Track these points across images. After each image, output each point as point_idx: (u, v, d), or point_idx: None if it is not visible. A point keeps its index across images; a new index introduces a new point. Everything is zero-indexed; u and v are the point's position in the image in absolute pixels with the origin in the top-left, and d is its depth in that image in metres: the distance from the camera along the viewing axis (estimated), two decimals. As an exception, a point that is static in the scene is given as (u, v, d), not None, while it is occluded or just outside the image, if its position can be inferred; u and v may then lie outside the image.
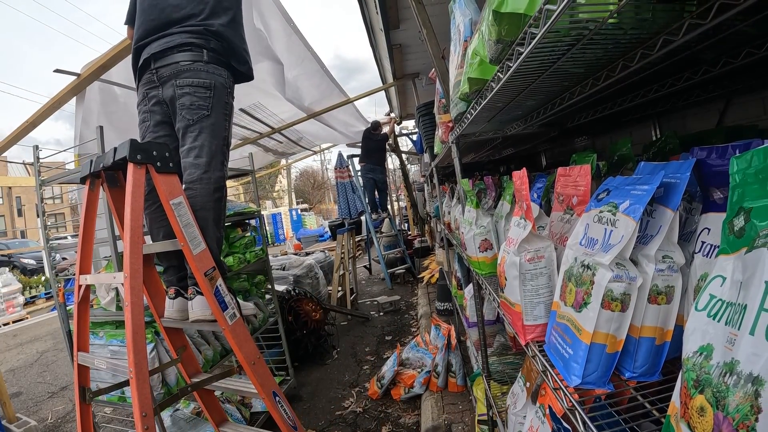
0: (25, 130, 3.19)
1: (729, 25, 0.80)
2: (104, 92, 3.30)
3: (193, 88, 1.93)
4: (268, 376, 1.83)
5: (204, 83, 1.95)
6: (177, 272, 2.01)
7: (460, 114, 1.72)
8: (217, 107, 1.98)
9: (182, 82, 1.93)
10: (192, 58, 1.94)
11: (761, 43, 0.90)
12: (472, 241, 1.80)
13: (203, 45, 1.97)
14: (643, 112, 1.68)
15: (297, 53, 4.14)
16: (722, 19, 0.68)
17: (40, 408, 4.29)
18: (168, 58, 1.95)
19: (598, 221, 0.85)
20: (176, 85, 1.93)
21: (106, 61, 2.80)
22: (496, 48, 1.04)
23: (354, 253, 6.70)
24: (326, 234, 16.53)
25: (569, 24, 0.79)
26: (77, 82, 2.87)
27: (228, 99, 2.06)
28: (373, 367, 4.01)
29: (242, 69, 2.15)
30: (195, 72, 1.94)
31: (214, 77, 1.98)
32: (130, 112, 3.25)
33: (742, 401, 0.41)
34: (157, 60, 1.97)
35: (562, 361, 0.85)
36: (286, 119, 5.90)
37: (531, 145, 3.14)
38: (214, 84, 1.97)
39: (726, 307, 0.49)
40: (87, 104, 3.09)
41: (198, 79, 1.94)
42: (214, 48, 2.00)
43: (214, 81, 1.97)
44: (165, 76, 1.95)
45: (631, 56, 0.94)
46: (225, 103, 2.03)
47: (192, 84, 1.93)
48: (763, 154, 0.48)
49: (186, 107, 1.93)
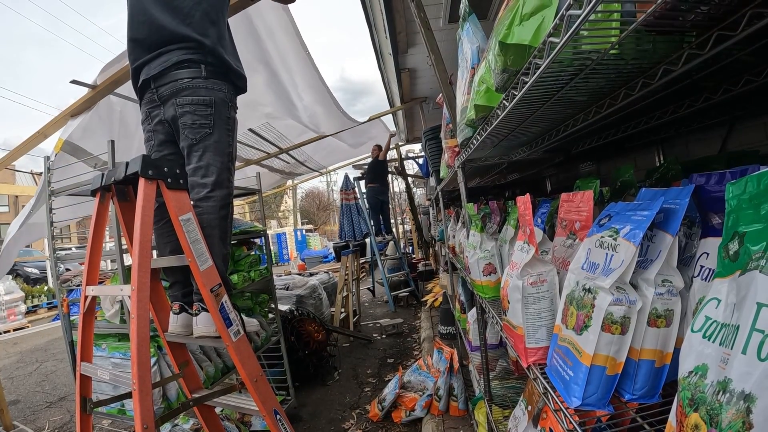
0: (36, 139, 3.21)
1: (728, 54, 0.83)
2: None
3: (194, 107, 1.93)
4: (270, 394, 1.83)
5: (204, 100, 1.94)
6: (182, 288, 2.02)
7: (466, 139, 1.74)
8: (219, 124, 1.98)
9: (182, 101, 1.93)
10: (190, 75, 1.94)
11: (760, 71, 0.93)
12: (476, 265, 1.82)
13: (200, 60, 1.96)
14: (647, 138, 1.71)
15: (310, 79, 4.22)
16: (720, 49, 0.71)
17: (37, 417, 4.26)
18: (167, 76, 1.95)
19: (599, 246, 0.86)
20: (177, 104, 1.93)
21: (122, 75, 2.83)
22: (502, 77, 1.08)
23: (358, 274, 6.69)
24: (330, 255, 16.53)
25: (572, 55, 0.82)
26: (91, 95, 2.90)
27: (229, 113, 2.05)
28: (374, 390, 3.97)
29: (239, 83, 2.14)
30: (194, 89, 1.93)
31: (213, 93, 1.97)
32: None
33: (734, 418, 0.42)
34: (156, 79, 1.97)
35: (563, 383, 0.86)
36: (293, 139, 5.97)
37: (536, 171, 3.17)
38: (214, 100, 1.97)
39: (720, 328, 0.50)
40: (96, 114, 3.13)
41: (198, 97, 1.93)
42: (212, 62, 1.99)
43: (213, 97, 1.97)
44: (165, 95, 1.95)
45: (632, 85, 0.97)
46: (227, 118, 2.02)
47: (192, 102, 1.93)
48: (757, 180, 0.50)
49: (188, 126, 1.93)
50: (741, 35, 0.66)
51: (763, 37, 0.76)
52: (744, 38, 0.67)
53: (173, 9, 1.97)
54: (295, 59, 3.74)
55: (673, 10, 0.68)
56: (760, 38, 0.76)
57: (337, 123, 5.51)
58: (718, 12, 0.69)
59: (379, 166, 7.80)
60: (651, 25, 0.73)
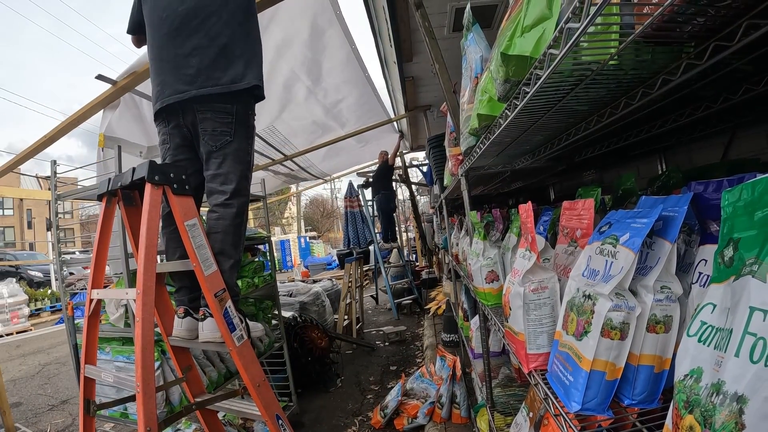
0: (43, 144, 3.22)
1: (726, 63, 0.84)
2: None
3: (215, 113, 1.92)
4: (273, 399, 1.83)
5: (225, 108, 1.93)
6: (189, 293, 2.03)
7: (469, 148, 1.76)
8: (239, 132, 1.96)
9: (203, 107, 1.92)
10: (214, 83, 1.90)
11: (758, 80, 0.94)
12: (479, 272, 1.83)
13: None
14: (649, 146, 1.72)
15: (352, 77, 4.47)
16: (718, 59, 0.72)
17: (39, 420, 4.27)
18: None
19: (599, 253, 0.87)
20: (198, 110, 1.93)
21: (142, 73, 2.82)
22: (504, 87, 1.09)
23: (361, 282, 6.70)
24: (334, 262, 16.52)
25: (572, 66, 0.84)
26: (106, 95, 2.89)
27: (249, 121, 2.04)
28: (376, 397, 3.96)
29: (257, 92, 2.07)
30: (217, 96, 1.92)
31: (235, 100, 1.96)
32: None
33: (727, 419, 0.43)
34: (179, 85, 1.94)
35: (563, 388, 0.87)
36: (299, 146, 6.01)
37: (539, 179, 3.18)
38: (236, 108, 1.95)
39: (715, 333, 0.52)
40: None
41: (220, 104, 1.92)
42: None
43: (236, 105, 1.95)
44: (186, 100, 1.93)
45: (633, 94, 0.99)
46: (247, 127, 2.02)
47: (213, 109, 1.92)
48: (752, 188, 0.52)
49: (208, 133, 1.93)
50: (737, 45, 0.68)
51: (760, 46, 0.77)
52: (741, 48, 0.69)
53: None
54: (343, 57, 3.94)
55: (671, 21, 0.70)
56: (757, 48, 0.77)
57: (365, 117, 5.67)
58: (714, 23, 0.71)
59: (390, 172, 7.74)
60: (649, 37, 0.75)
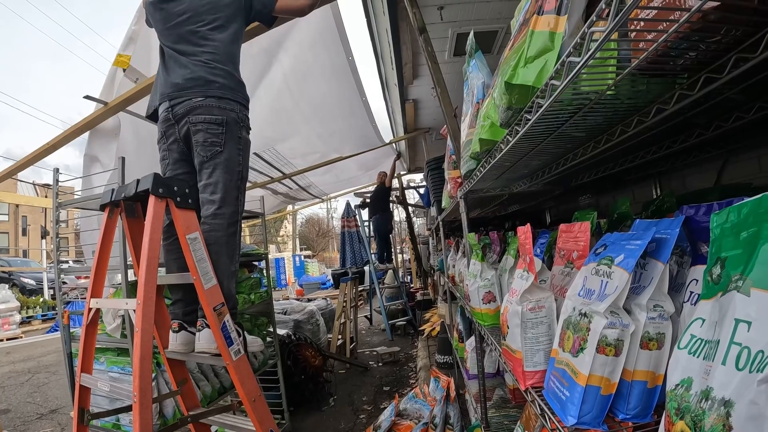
0: (45, 152, 3.23)
1: (718, 93, 0.90)
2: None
3: (206, 125, 1.99)
4: (268, 414, 1.84)
5: (216, 119, 2.00)
6: (184, 306, 2.04)
7: (469, 171, 1.80)
8: (230, 143, 2.03)
9: (195, 119, 1.99)
10: (204, 94, 2.01)
11: (748, 108, 1.00)
12: (476, 293, 1.85)
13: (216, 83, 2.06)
14: (644, 171, 1.77)
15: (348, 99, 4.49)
16: (709, 89, 0.77)
17: (27, 428, 4.20)
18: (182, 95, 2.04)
19: (595, 273, 0.91)
20: (190, 122, 2.00)
21: (133, 94, 2.88)
22: (506, 114, 1.14)
23: (356, 302, 6.68)
24: (328, 282, 16.46)
25: (572, 95, 0.88)
26: (103, 111, 2.93)
27: (241, 133, 2.10)
28: (369, 417, 3.93)
29: (247, 105, 2.19)
30: (207, 108, 2.00)
31: (226, 113, 2.03)
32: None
33: (716, 422, 0.46)
34: (173, 98, 2.04)
35: (559, 403, 0.89)
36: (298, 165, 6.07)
37: (536, 202, 3.23)
38: (227, 120, 2.03)
39: (704, 345, 0.55)
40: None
41: (210, 116, 2.00)
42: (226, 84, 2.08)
43: (226, 117, 2.03)
44: (180, 113, 2.02)
45: (628, 122, 1.04)
46: (238, 138, 2.08)
47: (205, 120, 1.99)
48: (738, 210, 0.56)
49: (200, 144, 2.00)
50: (727, 77, 0.73)
51: (749, 77, 0.82)
52: (731, 79, 0.74)
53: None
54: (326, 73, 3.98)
55: (665, 56, 0.75)
56: (746, 79, 0.83)
57: (360, 143, 5.69)
58: (706, 57, 0.76)
59: (387, 194, 7.82)
60: (645, 69, 0.80)
